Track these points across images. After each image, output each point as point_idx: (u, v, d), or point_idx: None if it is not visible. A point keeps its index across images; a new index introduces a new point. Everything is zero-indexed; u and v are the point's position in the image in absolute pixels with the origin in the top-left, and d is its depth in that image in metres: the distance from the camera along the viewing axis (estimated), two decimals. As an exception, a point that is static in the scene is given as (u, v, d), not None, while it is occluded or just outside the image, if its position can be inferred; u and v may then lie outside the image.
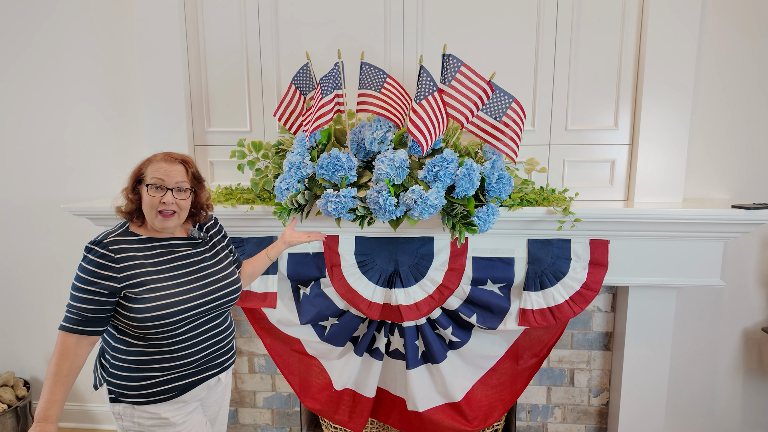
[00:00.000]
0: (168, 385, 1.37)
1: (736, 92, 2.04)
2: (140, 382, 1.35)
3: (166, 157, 1.36)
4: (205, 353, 1.42)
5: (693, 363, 2.25)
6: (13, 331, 2.54)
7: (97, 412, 2.56)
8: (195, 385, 1.42)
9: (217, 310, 1.44)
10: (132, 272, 1.30)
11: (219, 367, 1.48)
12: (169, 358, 1.35)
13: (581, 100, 1.99)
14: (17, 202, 2.39)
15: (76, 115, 2.28)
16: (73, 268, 2.42)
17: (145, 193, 1.33)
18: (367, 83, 1.71)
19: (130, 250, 1.32)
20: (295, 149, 1.76)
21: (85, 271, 1.27)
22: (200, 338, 1.40)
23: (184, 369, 1.38)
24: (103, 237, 1.32)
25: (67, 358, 1.27)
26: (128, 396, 1.35)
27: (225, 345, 1.49)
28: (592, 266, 1.91)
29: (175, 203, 1.33)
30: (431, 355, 1.98)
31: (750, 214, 1.76)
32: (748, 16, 1.98)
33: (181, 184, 1.34)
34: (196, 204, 1.45)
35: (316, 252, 1.96)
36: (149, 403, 1.36)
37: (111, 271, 1.28)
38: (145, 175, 1.34)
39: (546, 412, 2.22)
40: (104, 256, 1.28)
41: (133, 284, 1.29)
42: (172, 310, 1.31)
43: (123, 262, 1.30)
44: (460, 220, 1.73)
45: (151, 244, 1.37)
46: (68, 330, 1.28)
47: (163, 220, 1.33)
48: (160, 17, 2.01)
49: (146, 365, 1.34)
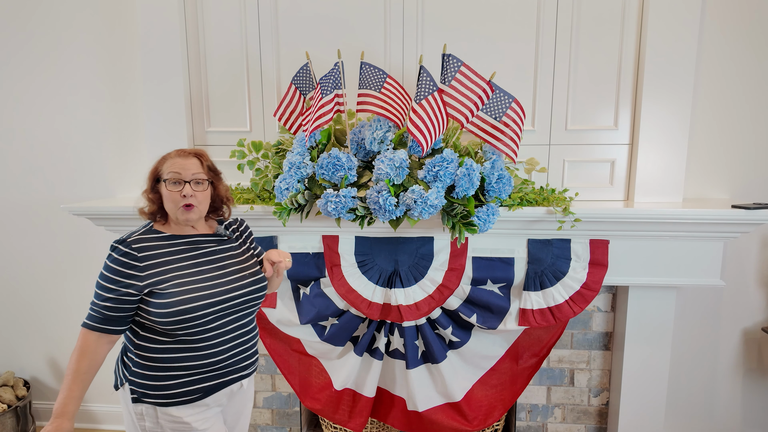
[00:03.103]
0: (192, 386, 1.35)
1: (736, 92, 2.04)
2: (164, 381, 1.33)
3: (179, 153, 1.38)
4: (231, 353, 1.40)
5: (693, 363, 2.25)
6: (13, 331, 2.54)
7: (97, 412, 2.56)
8: (219, 388, 1.40)
9: (243, 307, 1.42)
10: (156, 269, 1.31)
11: (243, 370, 1.46)
12: (195, 356, 1.34)
13: (581, 100, 1.99)
14: (17, 201, 2.39)
15: (76, 114, 2.28)
16: (73, 267, 2.42)
17: (164, 190, 1.34)
18: (367, 83, 1.71)
19: (154, 248, 1.33)
20: (295, 149, 1.76)
21: (109, 270, 1.29)
22: (226, 337, 1.38)
23: (209, 369, 1.37)
24: (127, 236, 1.33)
25: (86, 356, 1.28)
26: (151, 396, 1.34)
27: (250, 348, 1.47)
28: (592, 266, 1.91)
29: (194, 195, 1.34)
30: (431, 354, 1.98)
31: (750, 214, 1.76)
32: (748, 16, 1.98)
33: (197, 176, 1.36)
34: (216, 197, 1.46)
35: (316, 252, 1.96)
36: (172, 405, 1.35)
37: (134, 269, 1.29)
38: (161, 173, 1.35)
39: (546, 412, 2.22)
40: (127, 254, 1.29)
41: (157, 281, 1.30)
42: (198, 304, 1.31)
43: (146, 261, 1.31)
44: (460, 220, 1.73)
45: (176, 240, 1.38)
46: (89, 327, 1.29)
47: (185, 212, 1.34)
48: (160, 17, 2.01)
49: (171, 363, 1.33)
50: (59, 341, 2.52)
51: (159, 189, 1.37)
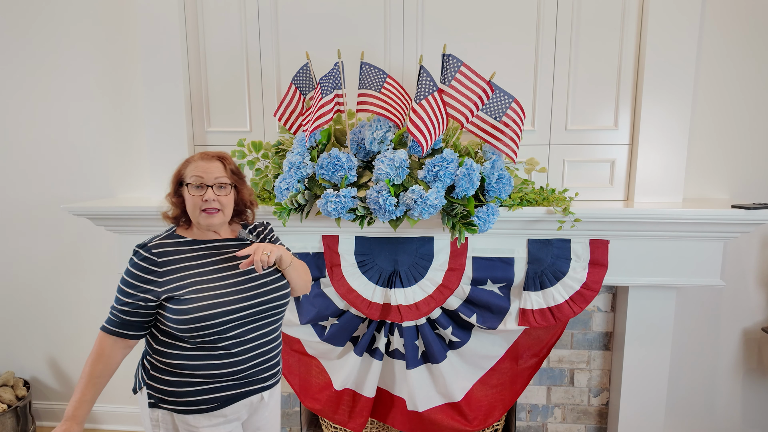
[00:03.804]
0: (209, 395, 1.32)
1: (736, 92, 2.04)
2: (181, 387, 1.31)
3: (202, 156, 1.35)
4: (251, 363, 1.35)
5: (693, 363, 2.25)
6: (13, 331, 2.54)
7: (97, 412, 2.56)
8: (237, 398, 1.36)
9: (264, 315, 1.37)
10: (175, 275, 1.29)
11: (263, 382, 1.40)
12: (213, 364, 1.31)
13: (581, 100, 1.99)
14: (17, 201, 2.39)
15: (76, 114, 2.28)
16: (73, 267, 2.42)
17: (186, 194, 1.32)
18: (367, 83, 1.71)
19: (174, 253, 1.32)
20: (295, 149, 1.76)
21: (129, 274, 1.29)
22: (246, 346, 1.34)
23: (227, 378, 1.33)
24: (149, 240, 1.33)
25: (101, 360, 1.28)
26: (168, 402, 1.32)
27: (272, 358, 1.42)
28: (591, 266, 1.91)
29: (217, 200, 1.31)
30: (431, 355, 1.98)
31: (750, 214, 1.76)
32: (747, 16, 1.98)
33: (220, 180, 1.32)
34: (240, 201, 1.42)
35: (316, 252, 1.96)
36: (188, 413, 1.32)
37: (152, 275, 1.28)
38: (184, 176, 1.33)
39: (546, 412, 2.22)
40: (147, 259, 1.28)
41: (176, 286, 1.28)
42: (216, 311, 1.27)
43: (166, 266, 1.29)
44: (460, 220, 1.73)
45: (196, 245, 1.35)
46: (107, 331, 1.29)
47: (207, 217, 1.32)
48: (160, 17, 2.01)
49: (188, 370, 1.30)
50: (59, 341, 2.52)
51: (182, 193, 1.34)
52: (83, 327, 2.48)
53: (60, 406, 2.59)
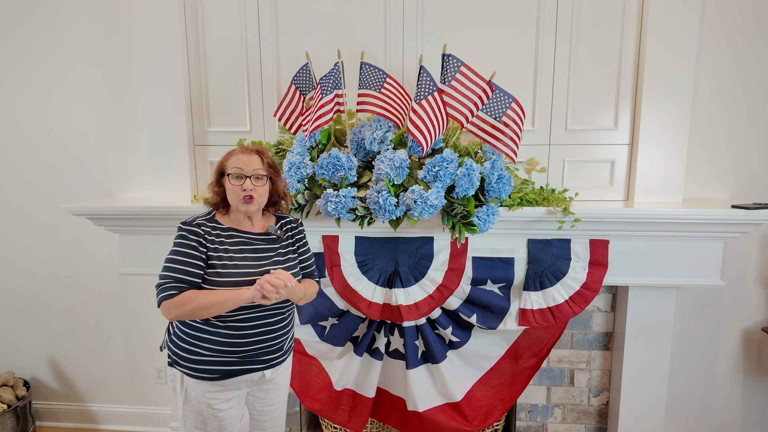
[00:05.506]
0: (211, 366, 1.46)
1: (735, 92, 2.04)
2: (190, 354, 1.47)
3: (243, 150, 1.50)
4: (253, 346, 1.49)
5: (693, 363, 2.25)
6: (13, 331, 2.54)
7: (98, 412, 2.56)
8: (237, 374, 1.49)
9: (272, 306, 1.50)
10: (212, 253, 1.44)
11: (264, 363, 1.53)
12: (218, 341, 1.45)
13: (581, 100, 1.99)
14: (18, 201, 2.39)
15: (77, 114, 2.28)
16: (73, 268, 2.42)
17: (227, 183, 1.47)
18: (367, 83, 1.71)
19: (213, 232, 1.48)
20: (295, 149, 1.76)
21: (181, 238, 1.43)
22: (250, 330, 1.47)
23: (228, 355, 1.46)
24: (193, 219, 1.49)
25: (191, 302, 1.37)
26: (180, 365, 1.49)
27: (276, 344, 1.54)
28: (591, 266, 1.91)
29: (254, 189, 1.46)
30: (431, 355, 1.98)
31: (750, 214, 1.76)
32: (747, 17, 1.98)
33: (257, 171, 1.47)
34: (275, 192, 1.55)
35: (316, 252, 1.96)
36: (193, 377, 1.47)
37: (201, 238, 1.44)
38: (226, 167, 1.48)
39: (546, 412, 2.22)
40: (193, 231, 1.44)
41: (212, 256, 1.43)
42: None
43: (209, 236, 1.46)
44: (460, 220, 1.73)
45: (231, 233, 1.50)
46: (168, 297, 1.38)
47: (245, 204, 1.46)
48: (160, 17, 2.01)
49: (198, 341, 1.46)
50: (59, 341, 2.52)
51: (223, 182, 1.49)
52: (83, 327, 2.48)
53: (60, 406, 2.59)
